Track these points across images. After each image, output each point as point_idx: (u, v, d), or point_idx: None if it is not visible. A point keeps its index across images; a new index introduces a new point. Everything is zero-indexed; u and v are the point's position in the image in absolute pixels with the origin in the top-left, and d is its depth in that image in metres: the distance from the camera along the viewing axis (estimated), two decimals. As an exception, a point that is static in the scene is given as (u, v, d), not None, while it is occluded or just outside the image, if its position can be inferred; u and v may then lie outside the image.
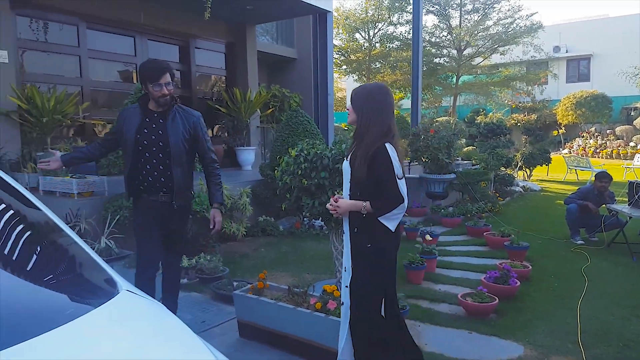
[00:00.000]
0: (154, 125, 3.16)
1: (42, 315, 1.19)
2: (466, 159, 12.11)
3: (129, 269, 4.30)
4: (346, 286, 2.65)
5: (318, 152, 3.63)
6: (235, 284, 4.41)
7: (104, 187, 5.51)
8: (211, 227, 3.35)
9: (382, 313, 2.63)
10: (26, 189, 1.74)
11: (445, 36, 22.42)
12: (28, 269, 1.31)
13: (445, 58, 22.70)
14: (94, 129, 8.00)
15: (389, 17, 21.19)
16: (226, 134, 10.17)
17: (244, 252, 5.91)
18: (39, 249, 1.41)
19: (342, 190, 2.73)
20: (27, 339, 1.06)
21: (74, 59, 7.60)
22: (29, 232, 1.44)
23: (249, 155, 9.67)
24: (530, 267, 5.05)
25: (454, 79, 22.37)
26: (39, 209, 1.47)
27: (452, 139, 8.41)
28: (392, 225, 2.53)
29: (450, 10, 21.86)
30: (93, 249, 1.79)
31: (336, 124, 13.33)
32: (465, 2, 21.67)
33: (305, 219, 6.98)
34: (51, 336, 1.09)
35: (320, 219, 3.82)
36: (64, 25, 7.44)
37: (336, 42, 21.53)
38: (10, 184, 1.53)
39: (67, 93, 6.79)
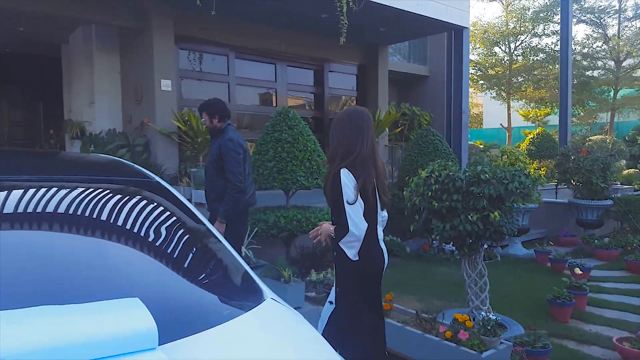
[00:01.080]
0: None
1: (200, 314, 1.27)
2: (627, 183, 10.67)
3: (264, 278, 4.56)
4: (329, 302, 2.66)
5: (450, 173, 3.49)
6: None
7: (244, 201, 5.95)
8: None
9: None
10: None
11: (600, 46, 20.13)
12: (188, 269, 1.43)
13: (599, 70, 20.36)
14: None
15: (533, 29, 19.76)
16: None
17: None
18: (196, 251, 1.54)
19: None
20: (188, 335, 1.13)
21: (224, 85, 8.45)
22: (187, 236, 1.59)
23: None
24: None
25: (611, 93, 19.89)
26: (198, 218, 1.62)
27: (608, 161, 7.46)
28: (350, 253, 2.45)
29: (606, 18, 19.62)
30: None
31: (471, 142, 12.73)
32: (626, 7, 19.28)
33: (434, 241, 6.74)
34: (210, 334, 1.16)
35: (452, 243, 3.64)
36: (215, 56, 8.33)
37: (472, 57, 20.69)
38: (174, 195, 1.73)
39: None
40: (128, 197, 1.63)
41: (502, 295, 4.87)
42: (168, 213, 1.64)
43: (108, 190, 1.62)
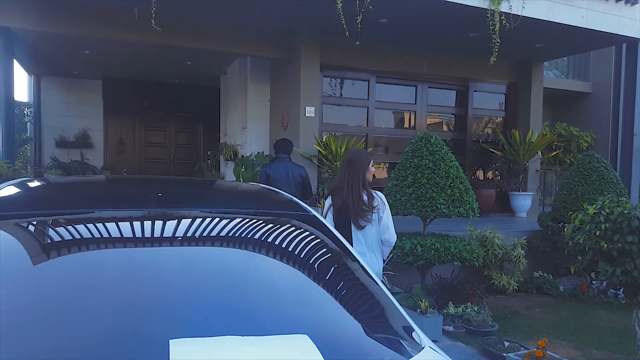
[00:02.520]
0: None
1: (361, 355, 1.23)
2: None
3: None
4: None
5: (625, 211, 3.01)
6: (506, 344, 4.14)
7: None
8: None
9: None
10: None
11: None
12: (348, 307, 1.42)
13: None
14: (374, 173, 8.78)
15: None
16: (499, 178, 9.67)
17: (515, 309, 5.45)
18: (356, 289, 1.52)
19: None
20: None
21: (363, 110, 8.59)
22: (346, 273, 1.59)
23: (524, 201, 8.92)
24: None
25: None
26: (352, 254, 1.62)
27: None
28: None
29: None
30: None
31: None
32: None
33: (594, 281, 5.91)
34: None
35: (622, 289, 3.13)
36: (356, 81, 8.53)
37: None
38: (329, 229, 1.76)
39: (356, 140, 7.70)
40: (291, 230, 1.70)
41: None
42: (326, 248, 1.66)
43: (272, 224, 1.72)
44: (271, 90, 8.79)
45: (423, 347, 1.29)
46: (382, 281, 4.95)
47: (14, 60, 7.43)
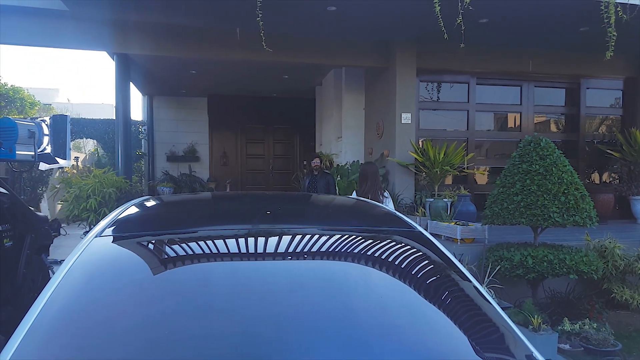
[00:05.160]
0: None
1: None
2: None
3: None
4: None
5: None
6: None
7: (485, 235, 5.65)
8: None
9: None
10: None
11: None
12: (462, 330, 1.36)
13: None
14: (474, 178, 8.42)
15: None
16: (617, 181, 8.80)
17: (640, 327, 4.88)
18: (468, 311, 1.46)
19: None
20: None
21: (462, 113, 8.31)
22: (457, 293, 1.52)
23: (648, 207, 8.02)
24: None
25: None
26: (462, 272, 1.56)
27: None
28: None
29: None
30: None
31: None
32: None
33: None
34: None
35: None
36: (454, 85, 8.28)
37: None
38: (436, 245, 1.70)
39: (455, 145, 7.46)
40: (399, 248, 1.68)
41: None
42: (435, 266, 1.62)
43: (381, 241, 1.70)
44: (366, 98, 8.83)
45: None
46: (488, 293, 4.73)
47: (130, 82, 8.26)
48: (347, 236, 1.69)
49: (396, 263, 1.58)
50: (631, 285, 5.32)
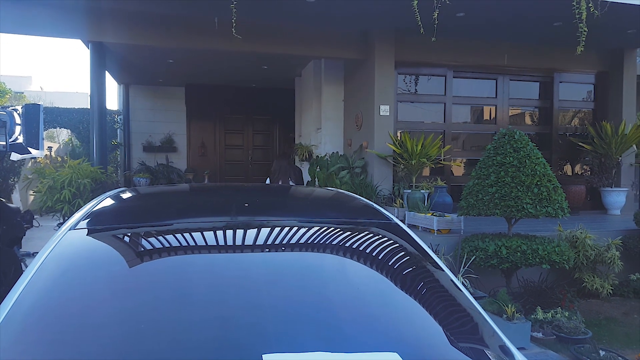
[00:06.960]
0: None
1: None
2: None
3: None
4: None
5: None
6: (602, 353, 3.91)
7: (460, 226, 5.75)
8: None
9: None
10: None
11: None
12: (437, 322, 1.38)
13: None
14: (451, 170, 8.54)
15: None
16: (589, 173, 9.05)
17: (610, 315, 5.12)
18: (443, 302, 1.48)
19: None
20: None
21: (439, 106, 8.39)
22: (432, 285, 1.55)
23: (617, 198, 8.27)
24: None
25: None
26: (438, 264, 1.59)
27: None
28: None
29: None
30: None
31: None
32: None
33: None
34: None
35: None
36: (431, 77, 8.34)
37: None
38: (412, 237, 1.73)
39: (432, 137, 7.53)
40: (376, 240, 1.70)
41: None
42: (411, 258, 1.65)
43: (357, 233, 1.72)
44: (345, 90, 8.84)
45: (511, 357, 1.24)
46: (463, 284, 4.83)
47: (106, 71, 8.07)
48: (324, 228, 1.70)
49: (373, 254, 1.60)
50: (601, 274, 5.50)
